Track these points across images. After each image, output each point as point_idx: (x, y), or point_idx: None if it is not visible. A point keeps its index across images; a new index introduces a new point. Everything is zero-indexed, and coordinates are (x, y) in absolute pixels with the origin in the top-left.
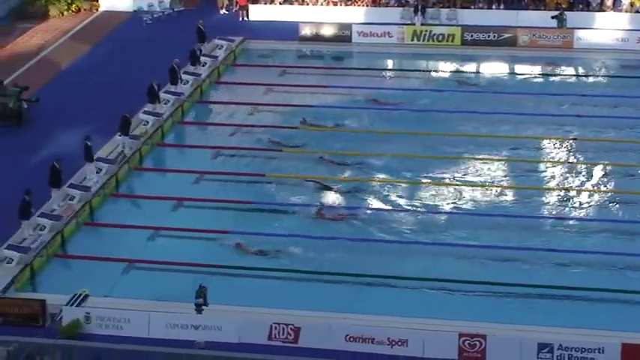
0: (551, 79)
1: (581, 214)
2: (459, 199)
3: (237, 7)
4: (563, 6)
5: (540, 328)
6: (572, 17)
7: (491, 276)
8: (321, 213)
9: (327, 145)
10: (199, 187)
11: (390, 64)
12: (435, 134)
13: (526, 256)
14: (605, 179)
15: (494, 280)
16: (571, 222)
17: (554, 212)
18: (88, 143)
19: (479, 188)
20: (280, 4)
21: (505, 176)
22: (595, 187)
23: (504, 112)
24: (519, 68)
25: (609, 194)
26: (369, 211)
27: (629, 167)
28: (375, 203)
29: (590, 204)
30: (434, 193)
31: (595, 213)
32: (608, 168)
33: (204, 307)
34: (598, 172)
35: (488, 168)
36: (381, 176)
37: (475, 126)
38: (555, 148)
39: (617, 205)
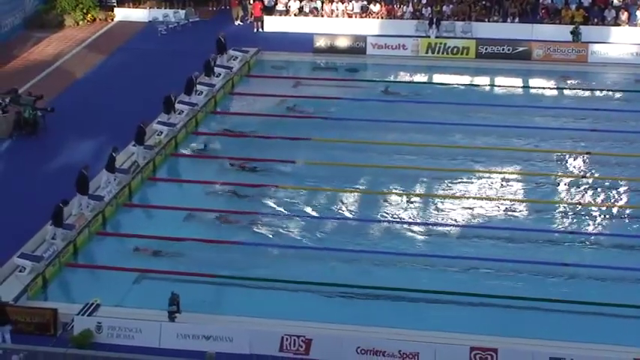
0: (565, 92)
1: (594, 229)
2: (468, 211)
3: (252, 18)
4: (578, 20)
5: (553, 343)
6: (587, 31)
7: (503, 289)
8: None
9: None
10: (211, 197)
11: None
12: (449, 146)
13: (539, 270)
14: (619, 194)
15: (507, 294)
16: (584, 236)
17: (567, 226)
18: (114, 154)
19: (493, 200)
20: (295, 15)
21: (517, 190)
22: (609, 202)
23: (515, 125)
24: (533, 82)
25: (624, 209)
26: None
27: None
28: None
29: (604, 218)
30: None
31: (609, 227)
32: (622, 182)
33: (176, 315)
34: (612, 186)
35: (498, 181)
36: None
37: (487, 139)
38: (569, 162)
39: (631, 220)
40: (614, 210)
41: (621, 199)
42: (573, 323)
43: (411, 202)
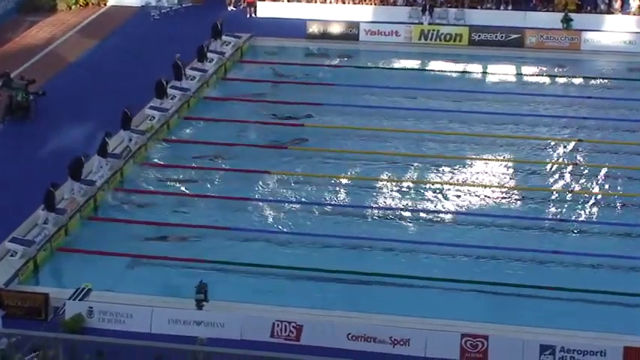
0: (558, 80)
1: (585, 216)
2: (462, 198)
3: (245, 3)
4: (571, 8)
5: (543, 330)
6: (580, 19)
7: (494, 277)
8: None
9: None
10: (204, 183)
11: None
12: (439, 132)
13: (531, 257)
14: (611, 181)
15: (498, 281)
16: (575, 223)
17: (559, 213)
18: (107, 139)
19: (488, 188)
20: (288, 1)
21: (509, 177)
22: (600, 190)
23: (509, 112)
24: (526, 69)
25: (615, 197)
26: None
27: (635, 170)
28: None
29: (595, 206)
30: (438, 193)
31: (599, 215)
32: (613, 170)
33: (204, 303)
34: (603, 174)
35: (492, 168)
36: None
37: (477, 127)
38: (560, 149)
39: (622, 208)
40: (606, 198)
41: (613, 186)
42: (564, 310)
43: (402, 189)
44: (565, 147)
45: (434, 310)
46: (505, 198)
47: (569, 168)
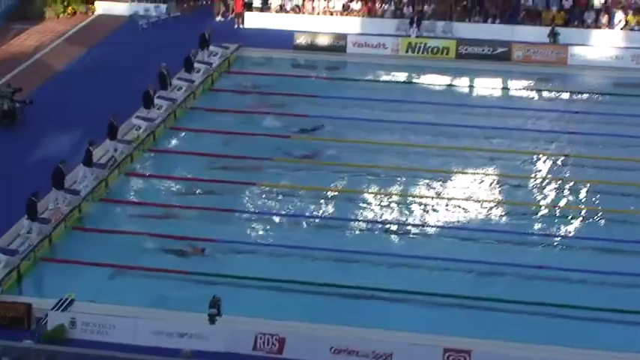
0: (545, 94)
1: (571, 231)
2: (447, 212)
3: (233, 14)
4: (559, 22)
5: (526, 345)
6: (567, 34)
7: (478, 291)
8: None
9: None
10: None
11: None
12: (425, 145)
13: (515, 272)
14: (597, 197)
15: (482, 296)
16: (560, 238)
17: (544, 228)
18: (91, 148)
19: (473, 201)
20: (276, 12)
21: (495, 191)
22: (586, 205)
23: (495, 126)
24: (513, 83)
25: (601, 212)
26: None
27: (621, 186)
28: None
29: (581, 221)
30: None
31: (585, 230)
32: (599, 185)
33: (217, 318)
34: (589, 189)
35: (477, 182)
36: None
37: (466, 141)
38: (546, 164)
39: (607, 223)
40: (592, 212)
41: (599, 202)
42: (548, 326)
43: (387, 202)
44: (551, 161)
45: (417, 324)
46: (490, 212)
47: (555, 182)
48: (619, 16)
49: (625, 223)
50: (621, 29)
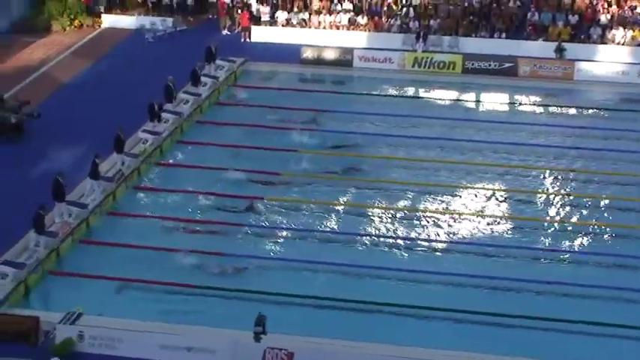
0: (551, 110)
1: (573, 246)
2: (451, 226)
3: (240, 28)
4: (565, 37)
5: None
6: (573, 49)
7: (481, 306)
8: None
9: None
10: (197, 207)
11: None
12: (432, 160)
13: (519, 287)
14: (603, 212)
15: (485, 310)
16: (566, 253)
17: (550, 243)
18: (97, 161)
19: (478, 216)
20: (283, 26)
21: (500, 206)
22: (592, 220)
23: (502, 141)
24: (519, 98)
25: (607, 227)
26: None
27: (627, 201)
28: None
29: (585, 236)
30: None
31: (588, 245)
32: (604, 201)
33: (262, 336)
34: (595, 204)
35: (484, 197)
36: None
37: (470, 155)
38: (552, 179)
39: (612, 239)
40: (597, 228)
41: (605, 217)
42: (543, 340)
43: (392, 217)
44: (557, 177)
45: (423, 339)
46: (495, 227)
47: (560, 198)
48: (617, 32)
49: (628, 239)
50: (628, 45)
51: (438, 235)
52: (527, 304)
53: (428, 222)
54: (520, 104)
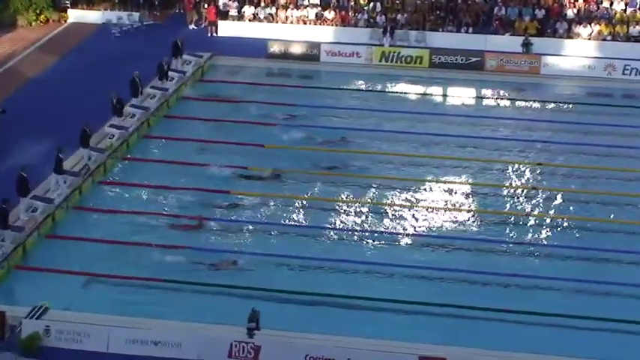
0: (517, 104)
1: (544, 240)
2: (419, 220)
3: (207, 22)
4: (531, 32)
5: (502, 353)
6: (540, 43)
7: (453, 298)
8: None
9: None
10: (164, 201)
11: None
12: (399, 154)
13: (489, 280)
14: (570, 206)
15: (456, 303)
16: (534, 247)
17: (518, 237)
18: (60, 155)
19: (446, 210)
20: (250, 20)
21: (468, 200)
22: (559, 214)
23: (468, 135)
24: (486, 92)
25: (573, 221)
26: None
27: (594, 195)
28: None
29: (554, 230)
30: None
31: (558, 239)
32: (572, 194)
33: (255, 332)
34: (562, 198)
35: (453, 191)
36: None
37: (437, 149)
38: (520, 173)
39: (580, 232)
40: (565, 221)
41: (572, 211)
42: (523, 333)
43: (358, 210)
44: (524, 170)
45: (392, 332)
46: (463, 221)
47: (527, 191)
48: (583, 28)
49: (601, 232)
50: (593, 39)
51: (404, 229)
52: (493, 296)
53: (393, 216)
54: (487, 98)
